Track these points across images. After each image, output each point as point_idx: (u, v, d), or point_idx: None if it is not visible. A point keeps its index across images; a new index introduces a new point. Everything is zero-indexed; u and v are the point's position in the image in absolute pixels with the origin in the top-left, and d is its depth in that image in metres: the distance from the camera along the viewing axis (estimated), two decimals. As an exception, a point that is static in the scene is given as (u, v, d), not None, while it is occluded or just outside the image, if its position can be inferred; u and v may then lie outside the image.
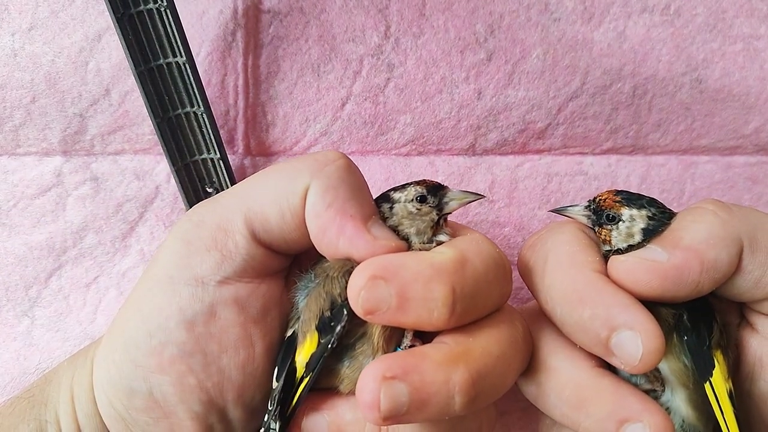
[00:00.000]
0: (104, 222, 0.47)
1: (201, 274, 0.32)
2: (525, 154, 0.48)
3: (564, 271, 0.33)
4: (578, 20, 0.45)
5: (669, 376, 0.34)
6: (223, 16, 0.44)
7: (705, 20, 0.46)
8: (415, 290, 0.30)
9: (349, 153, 0.47)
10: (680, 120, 0.48)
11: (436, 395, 0.29)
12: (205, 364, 0.32)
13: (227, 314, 0.33)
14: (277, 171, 0.34)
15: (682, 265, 0.32)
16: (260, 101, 0.46)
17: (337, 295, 0.32)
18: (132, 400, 0.33)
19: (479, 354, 0.31)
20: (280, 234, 0.33)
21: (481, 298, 0.32)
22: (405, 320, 0.30)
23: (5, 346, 0.47)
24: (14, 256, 0.47)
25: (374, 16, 0.45)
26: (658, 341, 0.30)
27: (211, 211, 0.34)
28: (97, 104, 0.45)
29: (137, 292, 0.34)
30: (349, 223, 0.32)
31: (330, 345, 0.32)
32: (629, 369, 0.31)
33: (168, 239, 0.34)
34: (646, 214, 0.35)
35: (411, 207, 0.35)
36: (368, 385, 0.29)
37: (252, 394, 0.34)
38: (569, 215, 0.38)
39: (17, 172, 0.46)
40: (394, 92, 0.46)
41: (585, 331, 0.32)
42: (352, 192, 0.33)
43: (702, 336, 0.33)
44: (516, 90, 0.46)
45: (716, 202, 0.34)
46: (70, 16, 0.44)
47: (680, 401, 0.34)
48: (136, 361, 0.32)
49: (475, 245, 0.33)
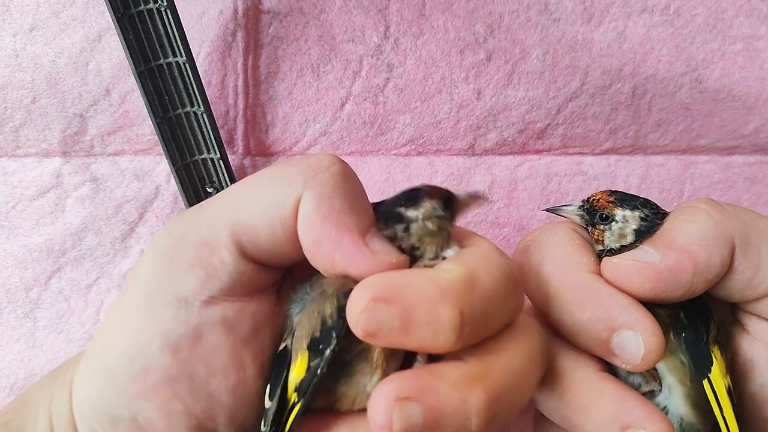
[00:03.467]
0: (104, 223, 0.47)
1: (184, 293, 0.29)
2: (524, 154, 0.48)
3: (560, 274, 0.33)
4: (578, 20, 0.46)
5: (666, 374, 0.34)
6: (223, 16, 0.44)
7: (705, 20, 0.46)
8: (420, 313, 0.27)
9: (349, 153, 0.47)
10: (680, 120, 0.48)
11: (451, 416, 0.27)
12: (193, 390, 0.30)
13: (214, 336, 0.30)
14: (266, 178, 0.31)
15: (675, 266, 0.31)
16: (260, 101, 0.46)
17: (328, 316, 0.30)
18: (115, 426, 0.30)
19: (498, 373, 0.29)
20: (270, 248, 0.30)
21: (492, 316, 0.30)
22: (408, 343, 0.28)
23: (8, 348, 0.47)
24: (14, 258, 0.46)
25: (374, 17, 0.45)
26: (659, 339, 0.30)
27: (195, 224, 0.31)
28: (98, 104, 0.45)
29: (116, 313, 0.31)
30: (346, 237, 0.29)
31: (319, 370, 0.29)
32: (631, 368, 0.31)
33: (147, 255, 0.31)
34: (638, 215, 0.35)
35: (431, 225, 0.32)
36: (381, 405, 0.27)
37: (245, 416, 0.31)
38: (563, 215, 0.38)
39: (16, 174, 0.46)
40: (393, 92, 0.46)
41: (585, 333, 0.32)
42: (349, 202, 0.30)
43: (699, 332, 0.33)
44: (515, 90, 0.46)
45: (709, 202, 0.34)
46: (70, 16, 0.44)
47: (678, 399, 0.33)
48: (117, 387, 0.30)
49: (484, 260, 0.30)
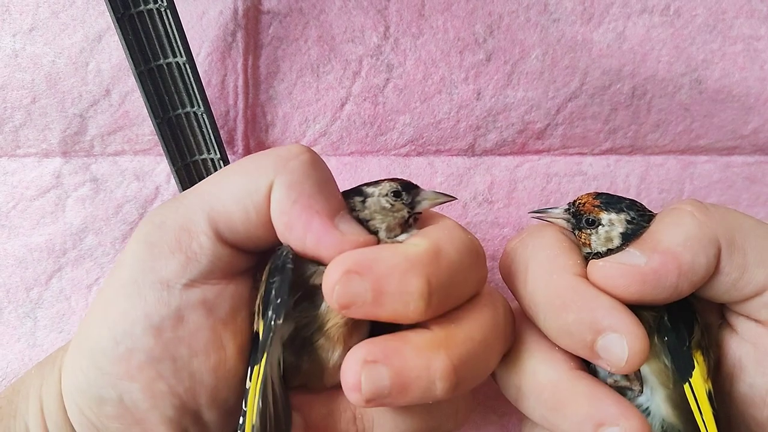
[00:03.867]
0: (104, 223, 0.47)
1: (166, 277, 0.31)
2: (524, 154, 0.48)
3: (546, 276, 0.33)
4: (577, 21, 0.46)
5: (649, 377, 0.34)
6: (223, 16, 0.44)
7: (705, 21, 0.46)
8: (391, 284, 0.30)
9: (348, 153, 0.47)
10: (679, 120, 0.48)
11: (417, 380, 0.30)
12: (175, 370, 0.31)
13: (195, 318, 0.31)
14: (241, 167, 0.33)
15: (660, 269, 0.32)
16: (260, 101, 0.46)
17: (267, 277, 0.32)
18: (102, 407, 0.32)
19: (461, 340, 0.31)
20: (246, 233, 0.32)
21: (457, 286, 0.32)
22: (381, 314, 0.30)
23: (9, 347, 0.47)
24: (14, 258, 0.47)
25: (373, 17, 0.45)
26: (643, 342, 0.31)
27: (174, 211, 0.33)
28: (98, 105, 0.45)
29: (102, 298, 0.33)
30: (315, 219, 0.31)
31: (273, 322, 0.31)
32: (615, 370, 0.31)
33: (131, 242, 0.33)
34: (624, 218, 0.35)
35: (384, 202, 0.34)
36: (351, 368, 0.30)
37: (226, 396, 0.33)
38: (549, 219, 0.38)
39: (17, 174, 0.46)
40: (393, 93, 0.46)
41: (570, 335, 0.32)
42: (318, 187, 0.32)
43: (682, 336, 0.33)
44: (515, 90, 0.46)
45: (694, 203, 0.34)
46: (70, 16, 0.44)
47: (660, 401, 0.34)
48: (103, 369, 0.31)
49: (447, 233, 0.33)
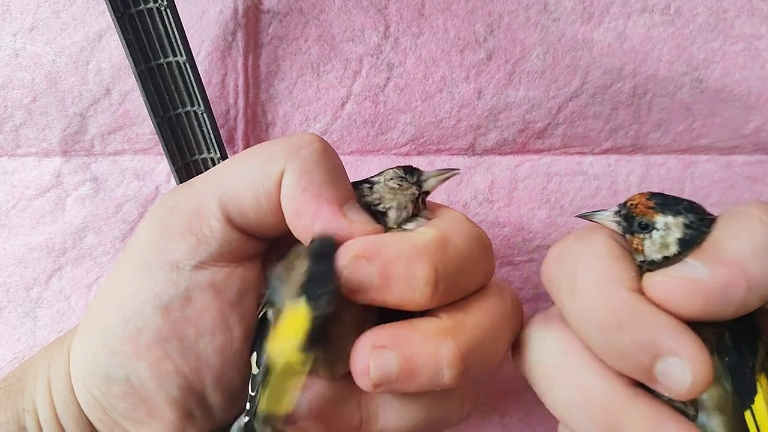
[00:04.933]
0: (104, 222, 0.47)
1: (176, 258, 0.32)
2: (525, 153, 0.48)
3: (597, 291, 0.30)
4: (578, 20, 0.46)
5: (706, 401, 0.31)
6: (223, 16, 0.44)
7: (706, 20, 0.46)
8: (398, 269, 0.30)
9: (349, 152, 0.47)
10: (680, 120, 0.48)
11: (424, 366, 0.30)
12: (182, 349, 0.32)
13: (203, 299, 0.32)
14: (252, 155, 0.34)
15: (726, 283, 0.28)
16: (260, 101, 0.46)
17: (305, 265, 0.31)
18: (109, 386, 0.32)
19: (469, 327, 0.31)
20: (256, 218, 0.33)
21: (465, 276, 0.32)
22: (388, 299, 0.30)
23: (9, 347, 0.47)
24: (14, 257, 0.47)
25: (373, 16, 0.45)
26: (707, 368, 0.28)
27: (186, 195, 0.33)
28: (98, 104, 0.45)
29: (112, 278, 0.34)
30: (324, 207, 0.31)
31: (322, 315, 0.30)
32: (675, 396, 0.29)
33: (143, 225, 0.33)
34: (682, 222, 0.31)
35: (392, 183, 0.35)
36: (360, 353, 0.30)
37: (231, 378, 0.33)
38: (597, 221, 0.34)
39: (16, 173, 0.46)
40: (393, 92, 0.46)
41: (624, 358, 0.29)
42: (328, 175, 0.32)
43: (744, 357, 0.29)
44: (516, 90, 0.46)
45: (762, 206, 0.30)
46: (71, 16, 0.44)
47: (717, 428, 0.30)
48: (112, 348, 0.32)
49: (455, 225, 0.33)
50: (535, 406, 0.48)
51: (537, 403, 0.35)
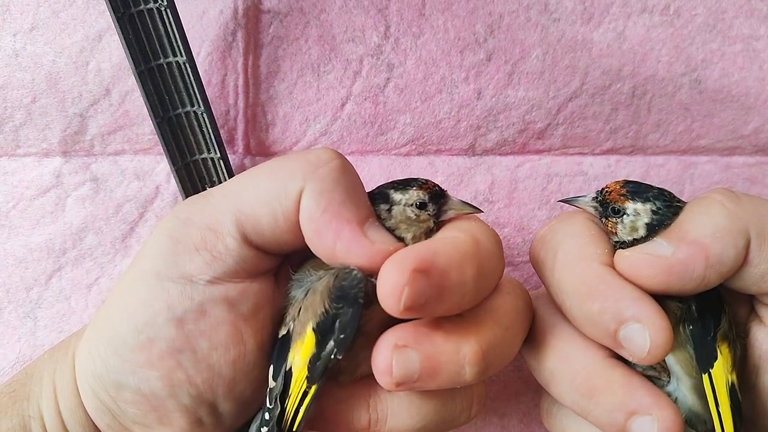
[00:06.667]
0: (104, 223, 0.47)
1: (190, 272, 0.32)
2: (525, 154, 0.48)
3: (573, 264, 0.34)
4: (578, 20, 0.46)
5: (674, 366, 0.34)
6: (224, 16, 0.44)
7: (704, 21, 0.46)
8: (451, 277, 0.30)
9: (349, 153, 0.47)
10: (679, 120, 0.48)
11: (446, 365, 0.30)
12: (195, 361, 0.32)
13: (217, 312, 0.32)
14: (269, 171, 0.33)
15: (687, 260, 0.32)
16: (260, 101, 0.46)
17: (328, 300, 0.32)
18: (120, 393, 0.32)
19: (489, 326, 0.32)
20: (272, 236, 0.33)
21: (491, 275, 0.33)
22: (440, 309, 0.31)
23: (10, 347, 0.47)
24: (14, 258, 0.47)
25: (374, 17, 0.45)
26: (666, 334, 0.30)
27: (201, 209, 0.33)
28: (98, 104, 0.45)
29: (122, 287, 0.33)
30: (345, 228, 0.32)
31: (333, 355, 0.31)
32: (637, 360, 0.32)
33: (154, 235, 0.33)
34: (650, 208, 0.35)
35: (410, 212, 0.34)
36: (382, 352, 0.31)
37: (242, 389, 0.33)
38: (577, 205, 0.38)
39: (17, 174, 0.46)
40: (393, 92, 0.46)
41: (594, 324, 0.32)
42: (348, 194, 0.32)
43: (707, 326, 0.33)
44: (516, 90, 0.46)
45: (725, 192, 0.34)
46: (71, 16, 0.44)
47: (686, 391, 0.34)
48: (123, 357, 0.32)
49: (477, 225, 0.34)
50: (535, 407, 0.48)
51: (536, 405, 0.35)
